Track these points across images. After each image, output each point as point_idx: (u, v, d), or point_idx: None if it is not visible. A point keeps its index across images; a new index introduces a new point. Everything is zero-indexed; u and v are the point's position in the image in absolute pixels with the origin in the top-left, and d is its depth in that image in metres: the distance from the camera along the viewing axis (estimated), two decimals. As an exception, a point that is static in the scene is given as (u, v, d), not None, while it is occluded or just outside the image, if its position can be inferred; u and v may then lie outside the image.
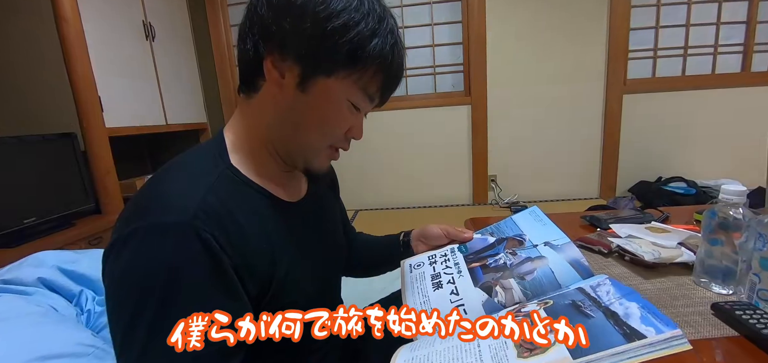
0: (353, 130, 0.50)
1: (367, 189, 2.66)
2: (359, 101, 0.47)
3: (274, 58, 0.44)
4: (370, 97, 0.48)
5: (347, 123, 0.49)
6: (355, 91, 0.46)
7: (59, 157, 1.57)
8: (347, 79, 0.45)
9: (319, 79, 0.44)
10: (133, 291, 0.37)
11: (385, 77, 0.47)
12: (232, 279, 0.40)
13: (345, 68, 0.44)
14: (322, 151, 0.50)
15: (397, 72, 0.48)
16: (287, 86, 0.45)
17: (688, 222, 0.83)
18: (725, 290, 0.54)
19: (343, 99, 0.46)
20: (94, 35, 1.64)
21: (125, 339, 0.36)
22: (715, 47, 2.31)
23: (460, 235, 0.65)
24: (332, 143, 0.50)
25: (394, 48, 0.45)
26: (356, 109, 0.48)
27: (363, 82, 0.46)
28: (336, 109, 0.47)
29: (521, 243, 0.59)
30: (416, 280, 0.58)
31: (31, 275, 0.72)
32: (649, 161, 2.43)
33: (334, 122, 0.48)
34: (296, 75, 0.44)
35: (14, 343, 0.56)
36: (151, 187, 0.43)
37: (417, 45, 2.52)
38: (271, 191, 0.50)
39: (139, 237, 0.37)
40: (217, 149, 0.48)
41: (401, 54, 0.48)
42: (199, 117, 2.47)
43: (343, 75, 0.44)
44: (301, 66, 0.44)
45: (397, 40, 0.46)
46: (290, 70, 0.44)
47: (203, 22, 2.46)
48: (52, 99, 1.62)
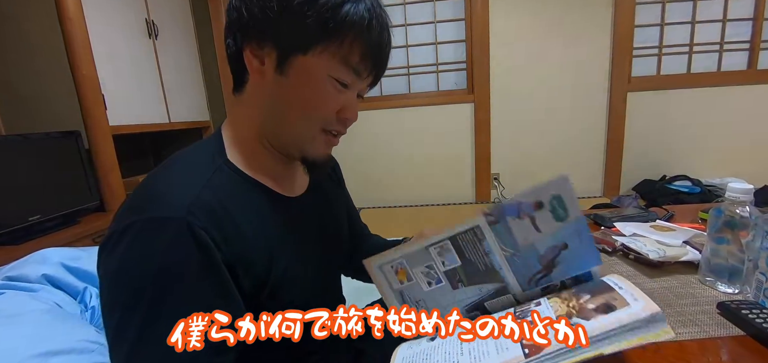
0: (345, 110, 0.47)
1: (370, 187, 2.66)
2: (343, 75, 0.44)
3: (251, 47, 0.44)
4: (355, 70, 0.45)
5: (335, 102, 0.46)
6: (335, 64, 0.43)
7: (63, 155, 1.58)
8: (324, 53, 0.43)
9: (296, 58, 0.43)
10: (126, 285, 0.37)
11: (366, 44, 0.43)
12: (225, 276, 0.40)
13: (319, 41, 0.42)
14: (316, 136, 0.48)
15: (379, 37, 0.45)
16: (267, 72, 0.44)
17: (694, 220, 0.82)
18: (731, 289, 0.53)
19: (325, 76, 0.44)
20: (97, 34, 1.65)
21: (118, 332, 0.37)
22: (721, 44, 2.29)
23: None
24: (324, 126, 0.47)
25: (371, 11, 0.43)
26: (343, 85, 0.45)
27: (342, 54, 0.43)
28: (318, 87, 0.44)
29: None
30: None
31: (35, 272, 0.73)
32: (654, 159, 2.41)
33: (319, 102, 0.45)
34: (274, 59, 0.44)
35: (19, 339, 0.56)
36: (148, 183, 0.43)
37: (420, 43, 2.51)
38: (269, 186, 0.49)
39: (134, 232, 0.37)
40: (215, 146, 0.48)
41: (381, 16, 0.45)
42: (202, 115, 2.47)
43: (319, 49, 0.42)
44: (276, 49, 0.43)
45: (373, 3, 0.44)
46: (269, 56, 0.44)
47: (206, 19, 2.46)
48: (57, 97, 1.63)
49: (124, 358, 0.36)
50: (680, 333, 0.46)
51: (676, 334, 0.45)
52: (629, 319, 0.34)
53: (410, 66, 2.55)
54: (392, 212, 2.56)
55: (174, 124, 2.18)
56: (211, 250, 0.39)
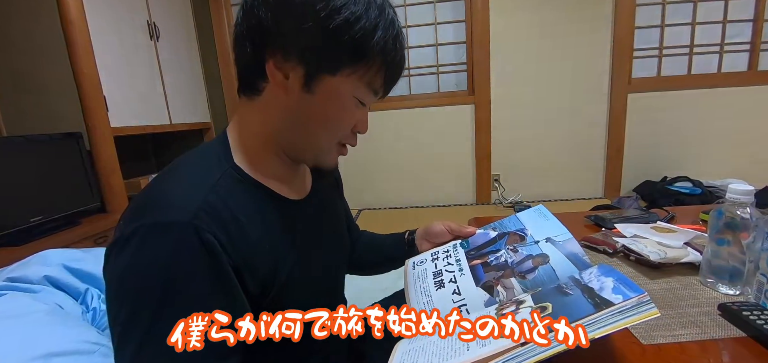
0: (359, 124, 0.50)
1: (370, 188, 2.66)
2: (364, 96, 0.47)
3: (276, 59, 0.43)
4: (375, 91, 0.47)
5: (354, 119, 0.49)
6: (360, 86, 0.45)
7: (65, 157, 1.59)
8: (352, 76, 0.44)
9: (324, 78, 0.44)
10: (132, 289, 0.37)
11: (389, 70, 0.46)
12: (232, 280, 0.40)
13: (349, 65, 0.43)
14: (333, 149, 0.50)
15: (400, 63, 0.47)
16: (292, 87, 0.44)
17: (694, 222, 0.82)
18: (732, 291, 0.53)
19: (350, 96, 0.46)
20: (99, 36, 1.65)
21: (123, 335, 0.37)
22: (722, 46, 2.29)
23: (463, 230, 0.65)
24: (340, 140, 0.50)
25: (396, 40, 0.45)
26: (362, 104, 0.48)
27: (368, 78, 0.45)
28: (343, 106, 0.46)
29: (523, 238, 0.59)
30: (419, 279, 0.58)
31: (37, 273, 0.73)
32: (654, 161, 2.41)
33: (341, 120, 0.47)
34: (301, 75, 0.43)
35: (21, 340, 0.56)
36: (154, 186, 0.43)
37: (420, 44, 2.51)
38: (274, 189, 0.50)
39: (141, 236, 0.37)
40: (220, 149, 0.48)
41: (403, 45, 0.47)
42: (203, 116, 2.48)
43: (347, 72, 0.44)
44: (305, 66, 0.43)
45: (398, 32, 0.45)
46: (294, 71, 0.43)
47: (207, 21, 2.47)
48: (58, 99, 1.63)
49: (131, 355, 0.36)
50: (681, 334, 0.46)
51: (677, 335, 0.45)
52: (619, 304, 0.35)
53: (411, 67, 2.55)
54: (393, 213, 2.56)
55: (175, 125, 2.18)
56: (217, 254, 0.39)
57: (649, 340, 0.45)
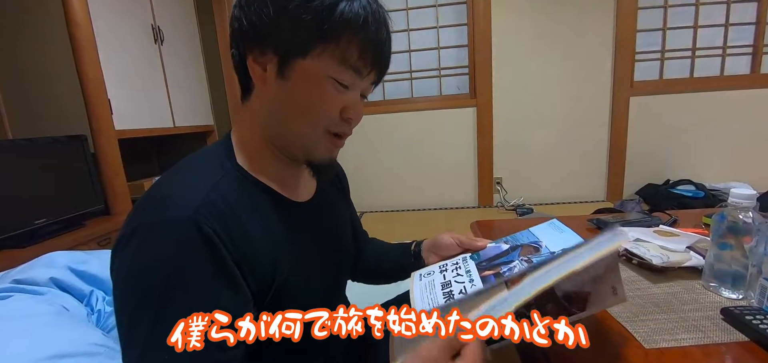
0: (347, 110, 0.47)
1: (372, 191, 2.66)
2: (343, 76, 0.44)
3: (254, 55, 0.44)
4: (355, 69, 0.45)
5: (337, 102, 0.46)
6: (334, 65, 0.43)
7: (70, 159, 1.60)
8: (323, 55, 0.43)
9: (295, 62, 0.43)
10: (136, 285, 0.38)
11: (363, 42, 0.43)
12: (234, 272, 0.41)
13: (317, 43, 0.42)
14: (321, 138, 0.48)
15: (376, 33, 0.44)
16: (269, 78, 0.45)
17: (697, 225, 0.82)
18: (735, 295, 0.53)
19: (325, 77, 0.44)
20: (104, 39, 1.67)
21: (130, 332, 0.37)
22: (724, 48, 2.29)
23: (474, 243, 0.61)
24: (327, 128, 0.48)
25: (366, 8, 0.43)
26: (343, 86, 0.45)
27: (340, 53, 0.43)
28: (319, 89, 0.45)
29: (537, 250, 0.56)
30: (426, 289, 0.56)
31: (43, 275, 0.74)
32: (657, 164, 2.41)
33: (321, 104, 0.46)
34: (275, 65, 0.44)
35: (29, 341, 0.57)
36: (157, 187, 0.43)
37: (422, 48, 2.52)
38: (276, 190, 0.50)
39: (143, 233, 0.38)
40: (224, 151, 0.48)
41: (377, 12, 0.44)
42: (206, 119, 2.49)
43: (317, 52, 0.43)
44: (277, 54, 0.44)
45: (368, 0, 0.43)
46: (270, 62, 0.44)
47: (210, 25, 2.49)
48: (64, 102, 1.65)
49: (136, 357, 0.36)
50: (683, 339, 0.46)
51: (680, 339, 0.46)
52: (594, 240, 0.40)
53: (413, 70, 2.56)
54: (395, 216, 2.56)
55: (178, 128, 2.19)
56: (219, 248, 0.39)
57: (651, 345, 0.45)
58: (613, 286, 0.42)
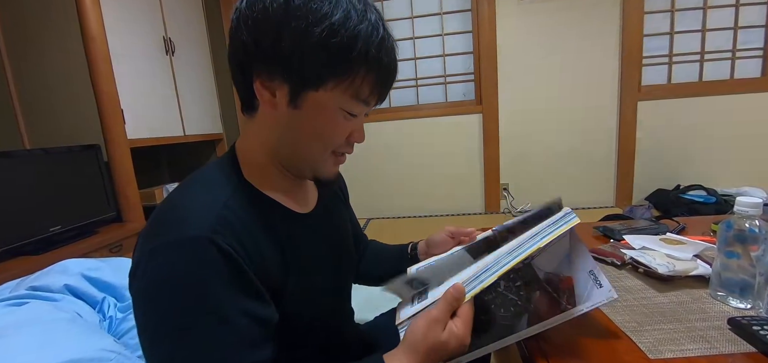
0: (354, 134, 0.50)
1: (379, 198, 2.67)
2: (353, 108, 0.46)
3: (262, 79, 0.44)
4: (365, 101, 0.46)
5: (345, 130, 0.48)
6: (346, 99, 0.45)
7: (83, 168, 1.64)
8: (337, 89, 0.44)
9: (308, 93, 0.44)
10: (159, 305, 0.38)
11: (377, 77, 0.45)
12: (254, 281, 0.42)
13: (332, 79, 0.43)
14: (328, 159, 0.50)
15: (388, 68, 0.45)
16: (280, 104, 0.45)
17: (705, 233, 0.81)
18: (743, 304, 0.53)
19: (336, 108, 0.45)
20: (118, 52, 1.72)
21: (154, 351, 0.38)
22: (733, 52, 2.26)
23: (463, 230, 0.64)
24: (335, 150, 0.50)
25: (380, 46, 0.43)
26: (351, 115, 0.47)
27: (354, 89, 0.44)
28: (331, 120, 0.46)
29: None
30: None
31: (58, 282, 0.76)
32: (667, 169, 2.37)
33: (331, 133, 0.47)
34: (286, 93, 0.44)
35: (43, 347, 0.59)
36: (170, 203, 0.44)
37: (428, 55, 2.54)
38: (282, 203, 0.51)
39: (161, 253, 0.38)
40: (230, 165, 0.49)
41: (390, 47, 0.45)
42: (216, 128, 2.54)
43: (331, 85, 0.43)
44: (288, 83, 0.43)
45: (383, 37, 0.43)
46: (280, 89, 0.44)
47: (220, 36, 2.54)
48: (79, 113, 1.70)
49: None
50: (689, 349, 0.45)
51: (685, 349, 0.45)
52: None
53: (418, 78, 2.58)
54: (402, 223, 2.56)
55: (189, 136, 2.24)
56: (239, 262, 0.40)
57: (656, 355, 0.45)
58: (593, 274, 0.46)
